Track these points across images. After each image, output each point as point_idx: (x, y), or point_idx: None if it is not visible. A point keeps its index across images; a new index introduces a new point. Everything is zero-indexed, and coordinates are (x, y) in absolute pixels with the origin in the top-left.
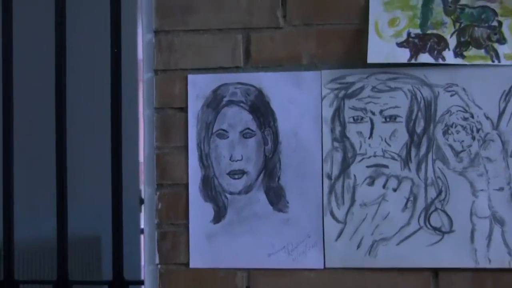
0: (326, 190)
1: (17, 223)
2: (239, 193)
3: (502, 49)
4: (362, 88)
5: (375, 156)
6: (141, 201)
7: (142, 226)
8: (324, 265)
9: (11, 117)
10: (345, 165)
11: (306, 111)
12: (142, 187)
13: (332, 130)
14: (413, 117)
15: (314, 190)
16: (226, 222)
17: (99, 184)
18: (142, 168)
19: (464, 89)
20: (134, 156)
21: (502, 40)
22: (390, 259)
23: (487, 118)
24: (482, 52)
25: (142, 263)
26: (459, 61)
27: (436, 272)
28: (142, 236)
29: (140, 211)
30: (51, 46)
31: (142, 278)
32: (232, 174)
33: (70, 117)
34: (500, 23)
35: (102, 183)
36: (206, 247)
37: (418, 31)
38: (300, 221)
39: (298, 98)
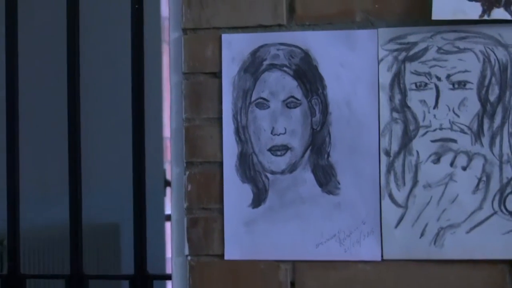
0: (383, 168)
1: (23, 208)
2: (282, 172)
3: None
4: (425, 49)
5: (441, 129)
6: (166, 183)
7: (167, 212)
8: (382, 256)
9: (16, 93)
10: (406, 139)
11: (360, 77)
12: (167, 166)
13: (391, 99)
14: (486, 83)
15: (369, 169)
16: (267, 206)
17: (117, 164)
18: (167, 144)
19: None
20: (158, 130)
21: None
22: (458, 249)
23: None
24: None
25: (168, 254)
26: None
27: None
28: (167, 224)
29: (165, 194)
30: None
31: (169, 272)
32: (274, 150)
33: (85, 86)
34: None
35: (120, 163)
36: (244, 236)
37: None
38: (353, 205)
39: (351, 61)
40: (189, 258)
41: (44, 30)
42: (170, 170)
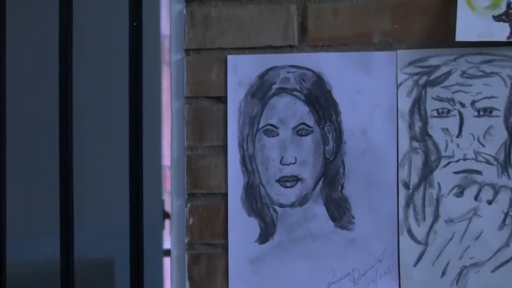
0: (402, 202)
1: (10, 243)
2: (292, 205)
3: None
4: (448, 73)
5: (465, 159)
6: (165, 215)
7: (165, 247)
8: None
9: (3, 114)
10: (427, 170)
11: (377, 102)
12: (166, 197)
13: (411, 127)
14: None
15: (387, 202)
16: (275, 242)
17: (112, 194)
18: (166, 173)
19: None
20: (156, 158)
21: None
22: None
23: None
24: None
25: None
26: None
27: None
28: (165, 259)
29: (163, 227)
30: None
31: None
32: (283, 181)
33: (77, 110)
34: None
35: (115, 193)
36: (250, 274)
37: None
38: (369, 241)
39: (368, 85)
40: None
41: (34, 47)
42: (169, 201)
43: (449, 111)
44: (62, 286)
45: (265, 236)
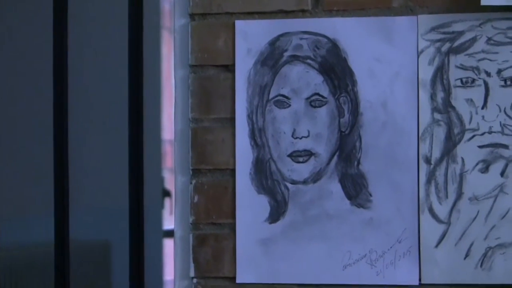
0: (423, 178)
1: (1, 224)
2: (305, 182)
3: None
4: (473, 40)
5: (490, 132)
6: (165, 193)
7: (165, 227)
8: (420, 280)
9: None
10: (450, 144)
11: (397, 71)
12: (165, 174)
13: (433, 97)
14: None
15: (407, 179)
16: (286, 221)
17: (108, 172)
18: (166, 148)
19: None
20: (155, 132)
21: None
22: (510, 272)
23: None
24: None
25: (166, 276)
26: None
27: None
28: (165, 241)
29: (163, 207)
30: None
31: None
32: (295, 156)
33: (73, 81)
34: None
35: (112, 170)
36: (259, 256)
37: None
38: (387, 220)
39: (386, 53)
40: (195, 281)
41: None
42: (169, 178)
43: (473, 80)
44: (57, 270)
45: (276, 215)
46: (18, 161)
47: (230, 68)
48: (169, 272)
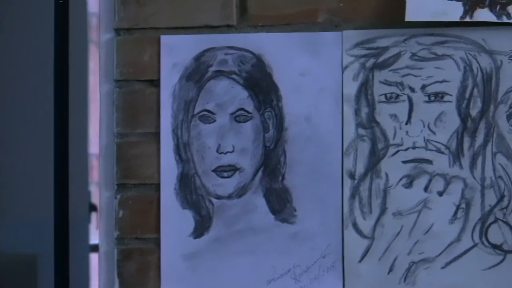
0: (347, 193)
1: None
2: (229, 197)
3: None
4: (397, 56)
5: (414, 148)
6: (91, 208)
7: (92, 241)
8: None
9: None
10: (374, 160)
11: (321, 87)
12: (92, 188)
13: (357, 112)
14: (467, 95)
15: (331, 194)
16: (211, 236)
17: (35, 185)
18: (93, 162)
19: None
20: (82, 146)
21: None
22: (433, 287)
23: None
24: None
25: None
26: None
27: None
28: (91, 256)
29: (89, 221)
30: None
31: None
32: (220, 171)
33: None
34: None
35: (38, 183)
36: (184, 271)
37: None
38: (311, 235)
39: (311, 68)
40: None
41: None
42: (96, 192)
43: (397, 96)
44: None
45: (200, 230)
46: None
47: (155, 83)
48: (94, 286)
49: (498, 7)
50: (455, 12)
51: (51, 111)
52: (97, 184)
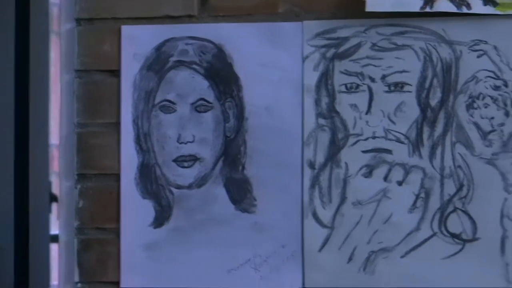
0: (307, 183)
1: None
2: (190, 186)
3: None
4: (358, 46)
5: (374, 137)
6: (52, 198)
7: (52, 232)
8: (303, 284)
9: None
10: (334, 149)
11: (282, 77)
12: (53, 178)
13: (317, 102)
14: (427, 85)
15: (291, 184)
16: (171, 226)
17: None
18: (53, 152)
19: (495, 48)
20: (43, 136)
21: None
22: (392, 276)
23: None
24: None
25: (53, 281)
26: (489, 10)
27: None
28: (52, 245)
29: (50, 211)
30: None
31: None
32: (180, 161)
33: None
34: None
35: None
36: (144, 260)
37: None
38: (271, 225)
39: (272, 58)
40: (79, 286)
41: None
42: (57, 183)
43: (358, 86)
44: None
45: (160, 219)
46: None
47: (116, 73)
48: (55, 277)
49: None
50: (415, 3)
51: (11, 101)
52: (58, 174)
